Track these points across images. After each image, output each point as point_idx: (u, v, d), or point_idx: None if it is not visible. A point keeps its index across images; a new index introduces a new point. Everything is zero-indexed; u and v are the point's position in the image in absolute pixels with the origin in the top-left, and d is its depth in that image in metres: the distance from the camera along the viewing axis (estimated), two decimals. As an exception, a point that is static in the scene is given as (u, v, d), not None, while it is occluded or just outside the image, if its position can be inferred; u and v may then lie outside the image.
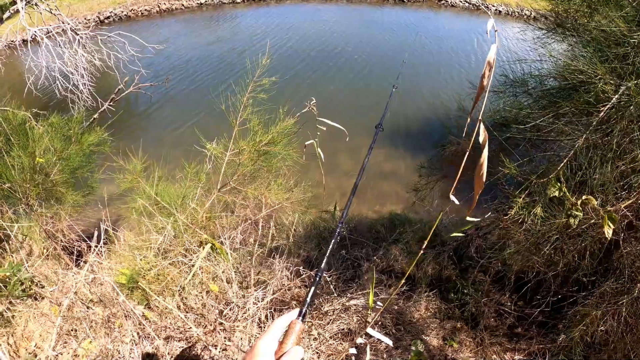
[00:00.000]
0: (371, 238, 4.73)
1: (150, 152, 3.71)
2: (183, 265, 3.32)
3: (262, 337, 0.88)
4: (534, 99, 3.34)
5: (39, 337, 3.42)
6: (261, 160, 3.28)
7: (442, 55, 11.78)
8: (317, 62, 10.95)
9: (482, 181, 1.02)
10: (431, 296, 3.94)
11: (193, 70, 10.01)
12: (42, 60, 5.23)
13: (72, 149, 3.67)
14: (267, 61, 3.25)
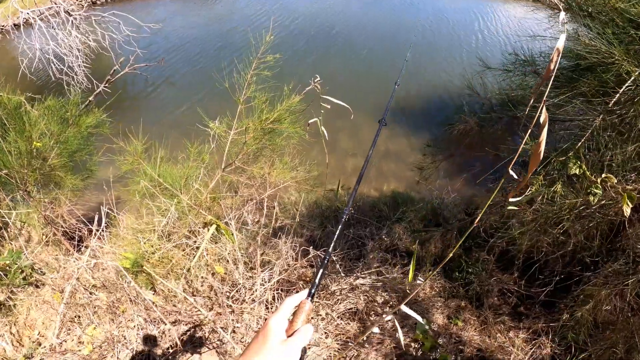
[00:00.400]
0: (374, 217, 4.71)
1: (150, 133, 3.63)
2: (188, 247, 3.28)
3: (273, 315, 0.90)
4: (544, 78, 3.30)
5: (42, 325, 3.38)
6: (266, 139, 3.22)
7: (444, 35, 11.62)
8: (317, 42, 10.78)
9: (538, 159, 1.02)
10: (436, 275, 3.94)
11: (192, 50, 9.80)
12: (35, 43, 5.08)
13: (69, 131, 3.58)
14: (271, 37, 3.17)
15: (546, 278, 3.57)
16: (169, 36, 10.70)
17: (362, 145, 6.12)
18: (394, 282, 3.66)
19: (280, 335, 0.87)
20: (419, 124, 6.40)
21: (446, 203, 4.73)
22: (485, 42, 10.72)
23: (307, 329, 0.90)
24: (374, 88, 7.97)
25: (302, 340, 0.87)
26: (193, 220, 3.24)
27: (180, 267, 3.29)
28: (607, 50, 2.44)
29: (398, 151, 5.92)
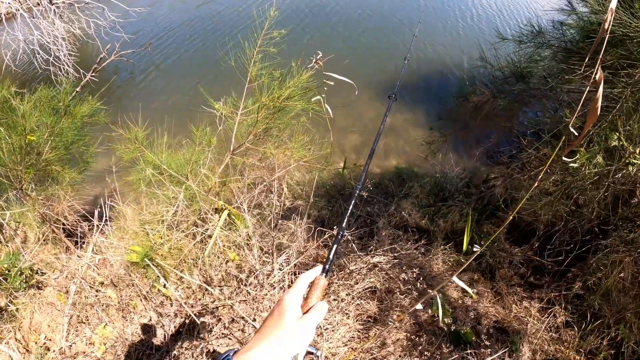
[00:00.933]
0: (380, 193, 4.66)
1: (148, 120, 3.48)
2: (199, 235, 3.17)
3: (289, 292, 0.89)
4: (555, 50, 3.27)
5: (48, 328, 3.27)
6: (275, 117, 3.11)
7: (444, 11, 11.48)
8: (318, 20, 10.54)
9: (595, 115, 1.03)
10: (447, 249, 3.93)
11: (184, 33, 9.46)
12: (18, 34, 4.81)
13: (64, 122, 3.40)
14: (275, 12, 3.04)
15: (556, 248, 3.59)
16: (159, 20, 10.31)
17: (360, 122, 6.04)
18: (409, 258, 3.62)
19: (296, 312, 0.86)
20: (421, 99, 6.32)
21: (449, 177, 4.70)
22: (494, 15, 10.62)
23: (322, 306, 0.90)
24: (369, 64, 7.85)
25: (317, 317, 0.88)
26: (203, 206, 3.13)
27: (193, 256, 3.19)
28: (634, 23, 2.44)
29: (400, 126, 5.83)
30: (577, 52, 3.00)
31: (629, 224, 2.95)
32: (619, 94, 2.52)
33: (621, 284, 2.96)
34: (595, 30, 2.79)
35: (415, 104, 6.02)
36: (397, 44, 8.84)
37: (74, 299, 3.20)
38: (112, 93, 6.13)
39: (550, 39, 3.23)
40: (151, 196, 3.36)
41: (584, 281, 3.37)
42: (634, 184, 2.70)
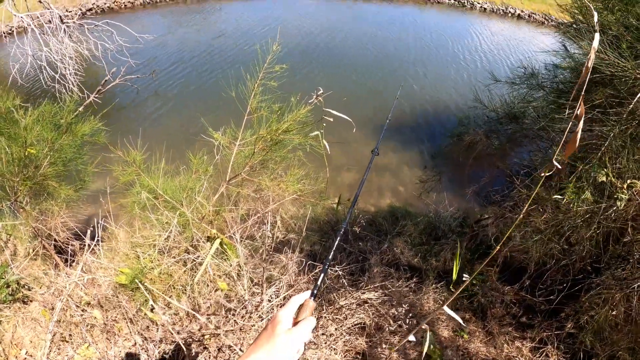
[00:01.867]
0: (374, 231, 4.67)
1: (147, 144, 3.52)
2: (190, 262, 3.16)
3: (282, 309, 1.01)
4: (547, 92, 3.35)
5: (30, 344, 3.22)
6: (272, 150, 3.15)
7: (445, 53, 11.84)
8: (308, 57, 10.83)
9: (574, 146, 1.11)
10: (439, 288, 3.91)
11: (193, 63, 9.67)
12: (27, 48, 4.90)
13: (64, 139, 3.44)
14: (278, 47, 3.12)
15: (548, 288, 3.59)
16: (164, 48, 10.59)
17: (355, 160, 6.10)
18: (399, 296, 3.60)
19: (287, 325, 0.97)
20: (416, 138, 6.41)
21: (443, 216, 4.72)
22: (487, 60, 10.97)
23: (310, 319, 1.00)
24: (366, 103, 8.01)
25: (305, 330, 0.97)
26: (196, 234, 3.13)
27: (182, 283, 3.16)
28: (621, 63, 2.50)
29: (395, 166, 5.90)
30: (568, 92, 3.09)
31: (621, 262, 2.97)
32: (608, 131, 2.59)
33: (613, 321, 2.95)
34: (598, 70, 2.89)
35: (410, 143, 6.12)
36: (395, 84, 9.07)
37: (59, 316, 3.15)
38: (113, 115, 6.20)
39: (542, 80, 3.32)
40: (145, 220, 3.36)
41: (576, 320, 3.35)
42: (624, 221, 2.74)
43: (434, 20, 16.37)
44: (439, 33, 13.84)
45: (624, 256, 2.91)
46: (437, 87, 8.83)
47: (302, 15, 15.30)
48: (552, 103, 3.17)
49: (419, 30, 14.42)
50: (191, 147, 3.82)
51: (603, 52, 2.73)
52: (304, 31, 13.08)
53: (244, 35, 12.32)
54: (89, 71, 6.02)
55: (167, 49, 10.46)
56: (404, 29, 14.60)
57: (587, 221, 2.73)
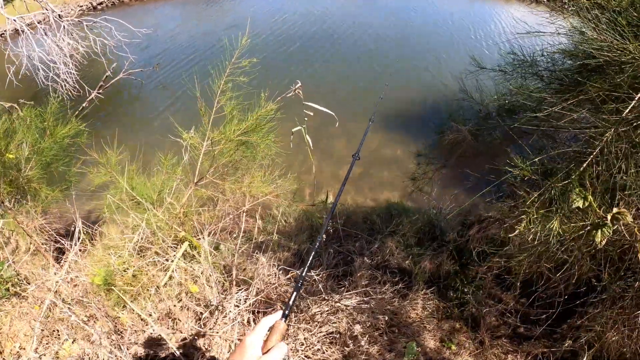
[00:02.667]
0: (366, 229, 4.47)
1: (141, 141, 3.49)
2: (160, 265, 3.11)
3: (250, 334, 0.98)
4: (546, 82, 2.99)
5: (24, 338, 3.31)
6: (241, 150, 3.02)
7: (439, 35, 11.35)
8: (312, 44, 10.64)
9: None
10: (429, 294, 3.69)
11: (185, 54, 9.71)
12: (22, 49, 4.98)
13: (44, 142, 3.45)
14: (247, 41, 2.97)
15: (548, 298, 3.29)
16: (166, 40, 10.68)
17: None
18: (382, 303, 3.42)
19: (257, 352, 0.94)
20: (415, 128, 6.11)
21: (444, 214, 4.45)
22: (484, 43, 10.44)
23: (281, 347, 0.98)
24: (362, 90, 7.75)
25: (276, 357, 0.95)
26: (165, 237, 3.07)
27: (153, 284, 3.13)
28: (620, 44, 2.10)
29: (393, 158, 5.64)
30: (569, 84, 2.71)
31: (622, 280, 2.65)
32: (598, 135, 2.10)
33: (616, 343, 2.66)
34: (592, 55, 2.44)
35: (411, 134, 5.82)
36: (405, 71, 8.74)
37: (47, 312, 3.21)
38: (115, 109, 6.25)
39: (538, 69, 2.97)
40: (120, 221, 3.34)
41: (576, 337, 3.06)
42: (621, 247, 2.39)
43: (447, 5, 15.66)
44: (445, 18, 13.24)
45: (620, 273, 2.58)
46: (437, 72, 8.42)
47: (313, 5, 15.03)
48: (557, 93, 2.80)
49: (431, 15, 13.87)
50: (173, 147, 3.75)
51: (598, 31, 2.35)
52: (314, 19, 12.85)
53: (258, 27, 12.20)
54: (94, 67, 6.09)
55: (172, 41, 10.52)
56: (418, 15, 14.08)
57: (579, 240, 2.35)
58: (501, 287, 3.74)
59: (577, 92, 2.49)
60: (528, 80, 3.13)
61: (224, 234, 3.36)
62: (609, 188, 2.11)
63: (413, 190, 4.29)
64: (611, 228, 1.87)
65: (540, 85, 3.07)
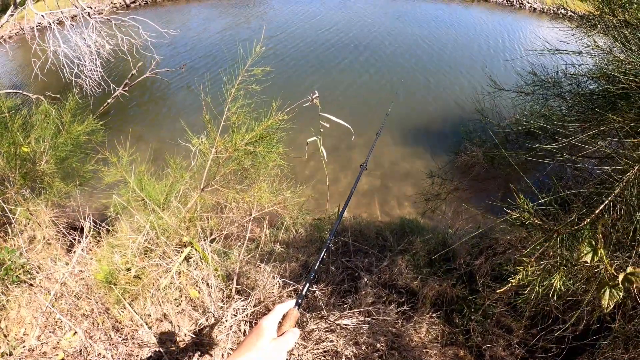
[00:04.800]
0: (377, 245, 4.37)
1: (159, 140, 3.50)
2: (161, 267, 3.10)
3: (266, 317, 1.02)
4: (569, 104, 2.82)
5: (29, 325, 3.37)
6: (249, 159, 2.99)
7: (464, 52, 11.15)
8: (334, 53, 10.61)
9: None
10: (434, 318, 3.57)
11: (215, 57, 9.80)
12: (49, 44, 5.11)
13: (60, 138, 3.51)
14: (261, 48, 2.94)
15: (558, 331, 3.12)
16: (195, 41, 10.81)
17: (378, 163, 5.79)
18: (384, 323, 3.32)
19: (272, 334, 0.98)
20: (437, 143, 5.98)
21: (458, 235, 4.31)
22: (505, 54, 10.19)
23: (294, 331, 1.02)
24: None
25: (290, 340, 0.99)
26: (168, 241, 3.06)
27: (154, 286, 3.12)
28: None
29: (411, 172, 5.53)
30: (591, 110, 2.52)
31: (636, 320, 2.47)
32: (620, 173, 1.85)
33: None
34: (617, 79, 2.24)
35: (434, 149, 5.69)
36: (428, 84, 8.61)
37: (53, 302, 3.26)
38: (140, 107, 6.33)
39: (561, 91, 2.82)
40: (129, 221, 3.36)
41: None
42: None
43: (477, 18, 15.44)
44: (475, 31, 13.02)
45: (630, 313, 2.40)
46: (460, 87, 8.25)
47: (347, 9, 14.99)
48: (577, 120, 2.63)
49: (461, 29, 13.69)
50: (188, 150, 3.76)
51: (626, 52, 2.16)
52: (339, 27, 12.84)
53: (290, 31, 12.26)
54: (123, 64, 6.21)
55: (206, 43, 10.63)
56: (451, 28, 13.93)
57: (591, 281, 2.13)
58: (511, 316, 3.58)
59: (600, 121, 2.32)
60: (550, 101, 2.98)
61: (229, 241, 3.32)
62: (625, 240, 1.91)
63: (427, 209, 4.17)
64: (622, 290, 1.63)
65: (563, 107, 2.92)
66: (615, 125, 2.18)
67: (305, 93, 3.25)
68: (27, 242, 3.91)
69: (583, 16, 2.96)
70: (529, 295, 2.69)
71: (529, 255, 1.79)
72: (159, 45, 6.23)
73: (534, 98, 2.98)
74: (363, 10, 15.14)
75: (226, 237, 3.25)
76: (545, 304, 2.52)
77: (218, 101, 2.97)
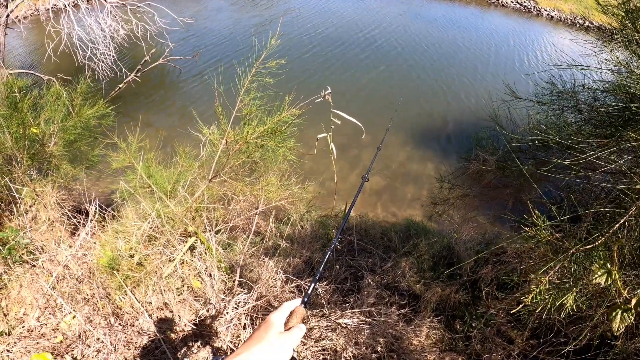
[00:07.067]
0: (382, 246, 4.34)
1: (168, 126, 3.49)
2: (165, 256, 3.09)
3: (274, 312, 1.06)
4: (586, 117, 2.77)
5: (29, 305, 3.37)
6: (259, 152, 2.96)
7: (481, 57, 11.07)
8: (352, 50, 10.55)
9: None
10: (435, 323, 3.53)
11: (230, 45, 9.77)
12: (64, 27, 5.10)
13: (69, 121, 3.50)
14: (276, 41, 2.91)
15: (558, 345, 3.07)
16: (210, 30, 10.75)
17: (386, 163, 5.75)
18: (385, 325, 3.29)
19: (279, 328, 1.02)
20: (446, 147, 5.93)
21: (464, 241, 4.27)
22: (523, 69, 10.12)
23: (301, 327, 1.07)
24: (406, 105, 7.58)
25: (296, 335, 1.03)
26: (173, 230, 3.05)
27: (156, 275, 3.11)
28: None
29: (420, 174, 5.49)
30: (609, 125, 2.47)
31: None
32: (637, 193, 1.80)
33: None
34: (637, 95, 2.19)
35: (443, 153, 5.66)
36: (441, 89, 8.56)
37: (54, 284, 3.26)
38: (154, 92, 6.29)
39: (578, 102, 2.76)
40: (135, 208, 3.35)
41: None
42: None
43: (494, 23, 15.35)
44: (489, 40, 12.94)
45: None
46: (475, 96, 8.19)
47: (361, 8, 14.91)
48: (593, 136, 2.57)
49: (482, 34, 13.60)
50: (197, 139, 3.74)
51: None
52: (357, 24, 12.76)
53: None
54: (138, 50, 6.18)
55: (222, 32, 10.57)
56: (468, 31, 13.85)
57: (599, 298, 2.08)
58: (513, 326, 3.55)
59: (617, 138, 2.27)
60: (566, 112, 2.93)
61: (234, 233, 3.31)
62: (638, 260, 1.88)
63: (434, 213, 4.13)
64: (634, 314, 1.60)
65: (578, 119, 2.87)
66: (633, 142, 2.13)
67: (317, 89, 3.23)
68: (31, 222, 3.91)
69: (601, 27, 2.89)
70: (534, 308, 2.66)
71: (543, 273, 1.73)
72: (173, 33, 6.21)
73: (551, 108, 2.93)
74: (380, 10, 15.06)
75: (231, 229, 3.23)
76: (549, 317, 2.46)
77: (230, 92, 2.94)
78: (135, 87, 5.46)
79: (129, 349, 2.84)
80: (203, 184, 3.02)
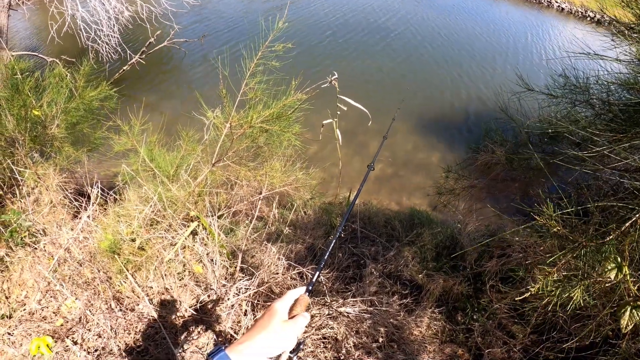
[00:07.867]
0: (385, 234, 4.31)
1: (172, 110, 3.44)
2: (166, 240, 3.07)
3: (279, 300, 1.06)
4: (597, 112, 2.70)
5: (30, 288, 3.37)
6: (264, 137, 2.92)
7: (491, 47, 10.92)
8: (365, 37, 10.40)
9: None
10: (436, 313, 3.51)
11: (237, 29, 9.63)
12: (68, 8, 5.03)
13: (73, 102, 3.46)
14: (284, 24, 2.84)
15: (562, 340, 3.04)
16: (216, 13, 10.60)
17: (392, 151, 5.69)
18: (386, 314, 3.27)
19: (283, 316, 1.02)
20: (453, 137, 5.87)
21: (468, 232, 4.23)
22: (533, 60, 9.98)
23: (305, 315, 1.05)
24: (416, 93, 7.48)
25: (300, 323, 1.02)
26: (174, 214, 3.02)
27: (158, 260, 3.09)
28: None
29: (426, 163, 5.44)
30: (624, 120, 2.41)
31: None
32: None
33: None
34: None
35: (450, 142, 5.60)
36: (451, 77, 8.46)
37: (56, 267, 3.25)
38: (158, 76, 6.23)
39: (590, 97, 2.69)
40: (137, 190, 3.32)
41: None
42: None
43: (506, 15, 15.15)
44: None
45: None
46: (485, 87, 8.09)
47: None
48: (606, 129, 2.50)
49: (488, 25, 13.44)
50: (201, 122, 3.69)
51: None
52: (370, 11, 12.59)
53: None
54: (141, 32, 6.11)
55: (228, 15, 10.43)
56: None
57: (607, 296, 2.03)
58: (514, 321, 3.52)
59: (632, 133, 2.21)
60: (578, 107, 2.87)
61: (237, 218, 3.27)
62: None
63: (439, 203, 4.09)
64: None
65: (590, 114, 2.80)
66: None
67: (323, 74, 3.17)
68: (33, 205, 3.89)
69: (612, 21, 2.81)
70: (538, 304, 2.63)
71: (550, 265, 1.69)
72: (182, 17, 6.14)
73: (563, 101, 2.87)
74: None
75: (234, 215, 3.19)
76: (554, 314, 2.43)
77: (236, 76, 2.88)
78: (140, 69, 5.39)
79: (129, 334, 2.83)
80: (206, 168, 2.98)
